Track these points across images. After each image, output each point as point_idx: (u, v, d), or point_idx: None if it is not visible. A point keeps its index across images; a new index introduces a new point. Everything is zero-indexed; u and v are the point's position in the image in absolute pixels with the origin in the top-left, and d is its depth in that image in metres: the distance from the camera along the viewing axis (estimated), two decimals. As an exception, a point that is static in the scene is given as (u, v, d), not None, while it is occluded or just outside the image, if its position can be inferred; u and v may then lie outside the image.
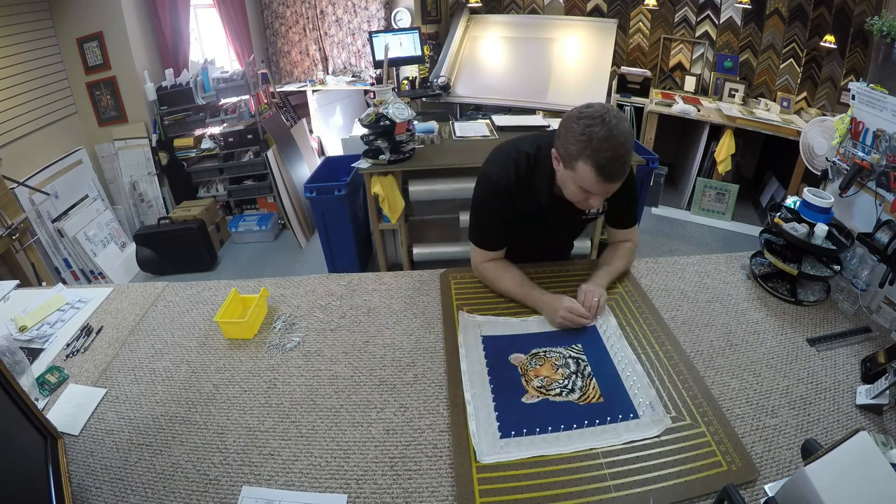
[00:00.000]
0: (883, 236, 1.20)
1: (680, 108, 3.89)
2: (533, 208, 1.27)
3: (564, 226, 1.34)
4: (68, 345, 1.26)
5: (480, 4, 4.52)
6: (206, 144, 3.69)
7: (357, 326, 1.27)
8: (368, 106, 3.02)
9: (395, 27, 4.39)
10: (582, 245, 2.83)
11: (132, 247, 3.42)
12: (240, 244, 3.82)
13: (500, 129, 3.05)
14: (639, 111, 4.17)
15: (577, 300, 1.23)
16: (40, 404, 1.06)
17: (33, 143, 3.03)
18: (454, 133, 2.98)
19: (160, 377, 1.14)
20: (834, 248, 1.29)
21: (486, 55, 4.39)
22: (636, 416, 0.97)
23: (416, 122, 2.72)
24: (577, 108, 1.10)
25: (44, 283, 2.61)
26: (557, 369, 1.09)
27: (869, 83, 1.34)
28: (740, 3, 3.96)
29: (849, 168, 1.39)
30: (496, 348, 1.16)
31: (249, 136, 3.67)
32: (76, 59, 3.33)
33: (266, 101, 3.89)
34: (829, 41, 3.64)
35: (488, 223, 1.33)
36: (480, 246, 1.35)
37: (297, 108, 4.56)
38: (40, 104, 3.10)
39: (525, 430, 0.93)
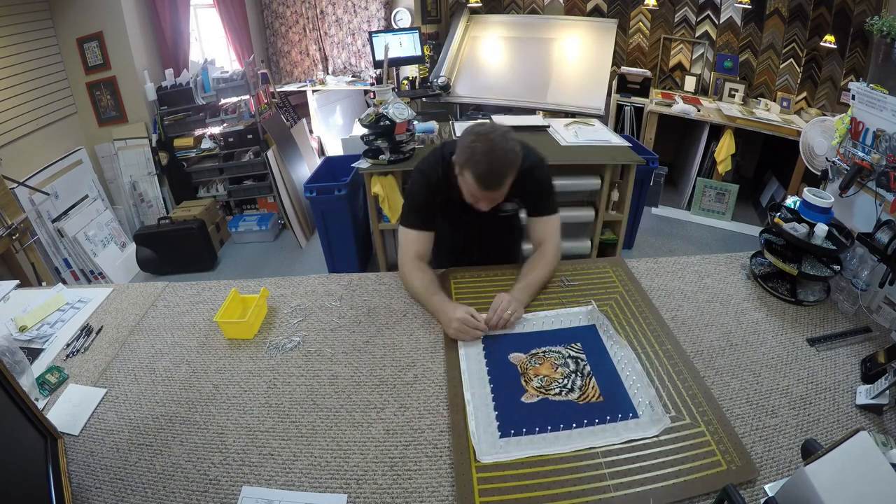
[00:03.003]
0: (883, 236, 1.20)
1: (680, 108, 3.89)
2: (455, 199, 1.38)
3: (486, 218, 1.39)
4: (68, 345, 1.26)
5: (480, 4, 4.52)
6: (206, 144, 3.68)
7: (357, 326, 1.27)
8: (368, 106, 3.02)
9: (395, 27, 4.39)
10: (582, 245, 2.83)
11: (132, 247, 3.42)
12: (240, 244, 3.82)
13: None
14: (639, 111, 4.17)
15: (491, 307, 1.22)
16: (40, 404, 1.06)
17: (33, 143, 3.02)
18: (454, 133, 2.97)
19: (160, 377, 1.14)
20: (834, 248, 1.29)
21: (486, 55, 4.39)
22: (636, 416, 0.97)
23: (416, 122, 2.72)
24: (474, 124, 1.28)
25: (44, 283, 2.61)
26: (557, 368, 1.09)
27: (869, 83, 1.34)
28: (740, 3, 3.96)
29: (849, 168, 1.39)
30: (495, 348, 1.16)
31: (249, 136, 3.67)
32: (76, 59, 3.33)
33: (266, 101, 3.89)
34: (829, 41, 3.64)
35: (416, 206, 1.42)
36: (406, 224, 1.40)
37: (297, 108, 4.56)
38: (40, 104, 3.10)
39: (525, 430, 0.93)
